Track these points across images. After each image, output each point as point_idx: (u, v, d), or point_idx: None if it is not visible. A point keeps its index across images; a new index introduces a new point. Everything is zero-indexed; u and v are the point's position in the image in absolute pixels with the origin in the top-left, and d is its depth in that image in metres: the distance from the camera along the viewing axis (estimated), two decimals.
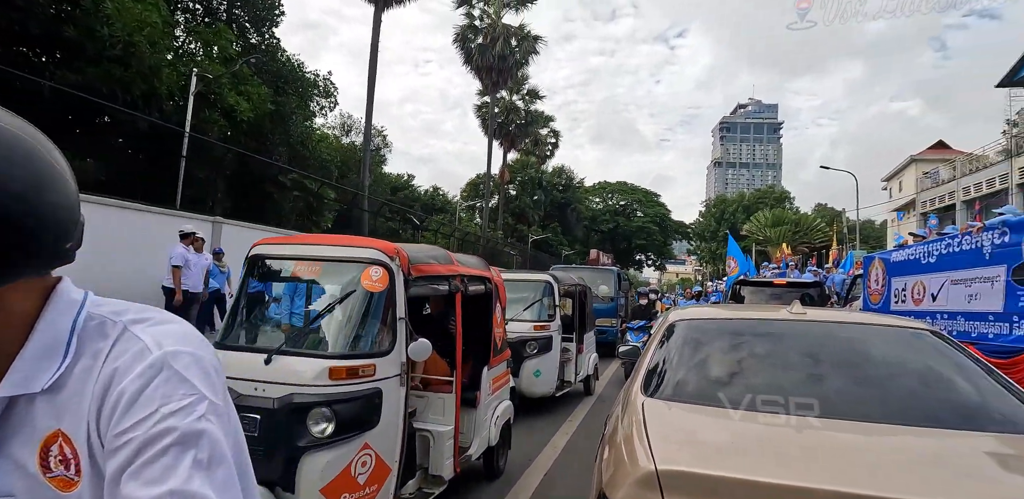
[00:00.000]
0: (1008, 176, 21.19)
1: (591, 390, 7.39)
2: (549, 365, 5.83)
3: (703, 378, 2.17)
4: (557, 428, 5.40)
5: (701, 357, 2.29)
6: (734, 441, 1.71)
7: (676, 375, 2.19)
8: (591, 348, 7.54)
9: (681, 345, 2.38)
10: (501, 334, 3.78)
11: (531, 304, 6.15)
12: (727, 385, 2.12)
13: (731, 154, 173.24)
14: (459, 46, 31.94)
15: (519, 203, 47.42)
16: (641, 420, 1.76)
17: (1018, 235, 5.39)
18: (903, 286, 7.70)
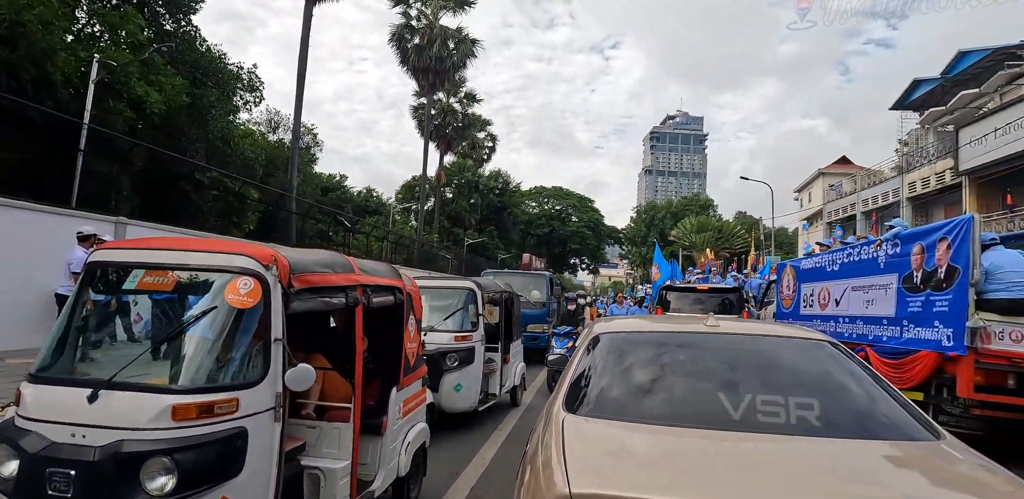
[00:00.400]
0: (900, 190, 23.45)
1: (518, 401, 7.14)
2: (471, 378, 5.49)
3: (624, 393, 2.17)
4: (483, 442, 5.24)
5: (622, 372, 2.29)
6: (652, 459, 1.71)
7: (597, 391, 2.19)
8: (518, 357, 7.27)
9: (603, 359, 2.38)
10: (415, 349, 3.43)
11: (452, 313, 5.79)
12: (647, 400, 2.13)
13: (660, 163, 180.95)
14: (395, 46, 31.35)
15: (455, 206, 47.08)
16: (560, 439, 1.73)
17: (908, 246, 5.89)
18: (811, 292, 8.25)
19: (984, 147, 17.40)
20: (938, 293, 5.25)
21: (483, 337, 5.72)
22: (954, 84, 24.14)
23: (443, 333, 5.49)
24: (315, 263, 2.51)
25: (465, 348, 5.43)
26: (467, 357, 5.41)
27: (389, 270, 3.30)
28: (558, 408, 2.05)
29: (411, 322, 3.38)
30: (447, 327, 5.66)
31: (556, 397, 2.18)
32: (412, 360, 3.35)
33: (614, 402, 2.11)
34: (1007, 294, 4.84)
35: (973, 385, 4.79)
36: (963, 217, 5.10)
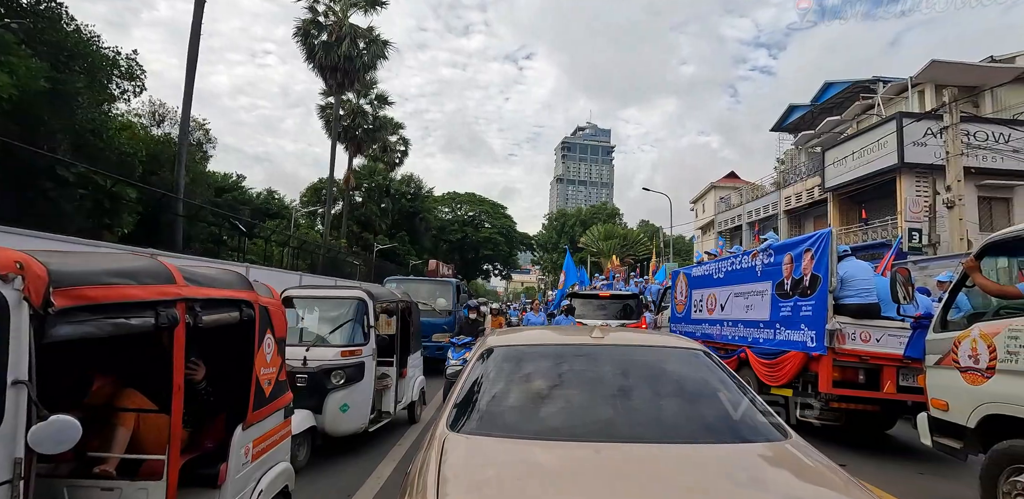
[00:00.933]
0: (778, 204, 26.02)
1: (416, 417, 6.75)
2: (361, 396, 5.03)
3: (507, 409, 2.18)
4: (378, 461, 4.98)
5: (508, 386, 2.30)
6: (528, 475, 1.71)
7: (482, 407, 2.18)
8: (417, 371, 6.88)
9: (491, 374, 2.37)
10: (274, 375, 2.90)
11: (339, 326, 5.33)
12: (529, 415, 2.15)
13: (571, 172, 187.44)
14: (301, 41, 29.84)
15: (365, 211, 45.54)
16: (438, 459, 1.71)
17: (780, 256, 6.47)
18: (701, 298, 8.84)
19: (844, 167, 19.75)
20: (804, 299, 5.81)
21: (375, 351, 5.29)
22: (821, 111, 27.28)
23: (328, 348, 5.04)
24: (104, 272, 1.91)
25: (353, 364, 4.97)
26: (355, 373, 4.96)
27: (236, 280, 2.70)
28: (441, 427, 2.02)
29: (268, 342, 2.84)
30: (334, 341, 5.23)
31: (440, 415, 2.14)
32: (269, 389, 2.83)
33: (496, 419, 2.11)
34: (858, 299, 5.46)
35: (831, 381, 5.33)
36: (823, 231, 5.70)
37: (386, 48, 31.41)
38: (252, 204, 35.79)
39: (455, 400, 2.19)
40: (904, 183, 17.43)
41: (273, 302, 3.00)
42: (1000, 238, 3.66)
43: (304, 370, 4.68)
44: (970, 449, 3.67)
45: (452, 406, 2.15)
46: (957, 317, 3.92)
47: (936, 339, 3.96)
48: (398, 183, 48.72)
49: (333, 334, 5.28)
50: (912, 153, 16.93)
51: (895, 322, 5.37)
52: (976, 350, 3.53)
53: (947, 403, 3.77)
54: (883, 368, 5.33)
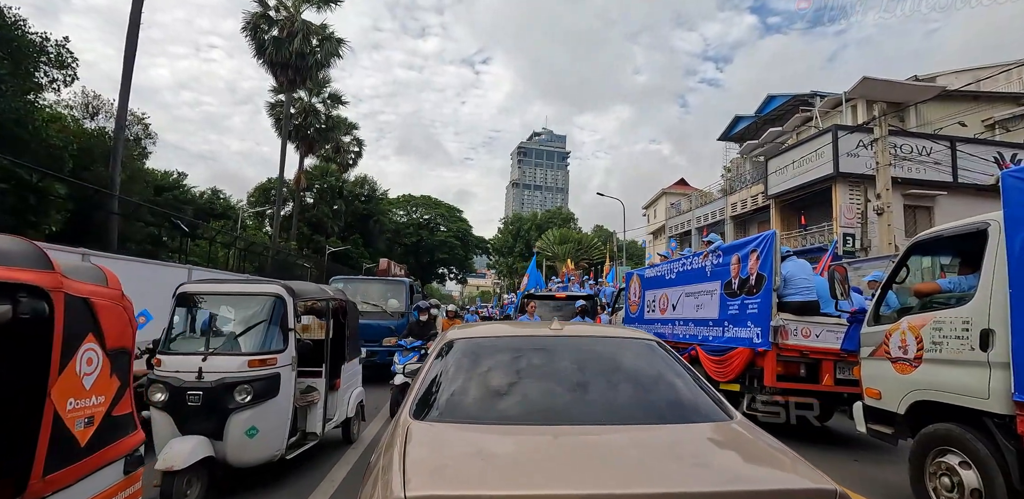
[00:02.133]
0: (725, 210, 27.13)
1: (353, 436, 5.64)
2: (274, 416, 4.05)
3: (471, 397, 2.22)
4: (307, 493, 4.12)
5: (471, 376, 2.33)
6: (492, 457, 1.75)
7: (446, 395, 2.22)
8: (354, 382, 5.86)
9: (454, 365, 2.40)
10: (100, 411, 2.00)
11: (248, 329, 4.32)
12: (492, 402, 2.20)
13: (527, 176, 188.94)
14: (250, 36, 28.79)
15: (317, 212, 44.32)
16: (403, 445, 1.72)
17: (728, 257, 6.74)
18: (653, 298, 9.08)
19: (785, 176, 20.82)
20: (751, 297, 6.07)
21: (295, 359, 4.28)
22: (764, 122, 28.69)
23: (232, 357, 4.00)
24: None
25: (265, 376, 3.98)
26: (267, 387, 3.99)
27: (13, 249, 1.75)
28: (405, 416, 2.04)
29: (87, 357, 1.90)
30: (241, 348, 4.20)
31: (404, 405, 2.16)
32: (88, 433, 1.91)
33: (460, 406, 2.15)
34: (800, 297, 5.76)
35: (775, 375, 5.60)
36: (768, 232, 5.99)
37: (340, 46, 30.76)
38: (195, 204, 34.18)
39: (417, 392, 2.20)
40: (839, 191, 18.53)
41: (102, 293, 2.07)
42: (924, 238, 3.96)
43: (198, 385, 3.79)
44: (900, 434, 3.94)
45: (414, 397, 2.16)
46: (888, 312, 4.20)
47: (870, 332, 4.23)
48: (351, 184, 47.74)
49: (240, 339, 4.30)
50: (846, 163, 18.03)
51: (832, 318, 5.70)
52: (905, 342, 3.80)
53: (880, 392, 4.04)
54: (822, 362, 5.65)
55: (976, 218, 3.49)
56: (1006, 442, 3.07)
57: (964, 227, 3.55)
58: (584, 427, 1.96)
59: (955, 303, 3.57)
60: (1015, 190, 3.06)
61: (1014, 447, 3.03)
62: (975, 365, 3.25)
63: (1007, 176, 3.11)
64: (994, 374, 3.14)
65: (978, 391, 3.22)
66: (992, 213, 3.39)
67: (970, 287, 3.46)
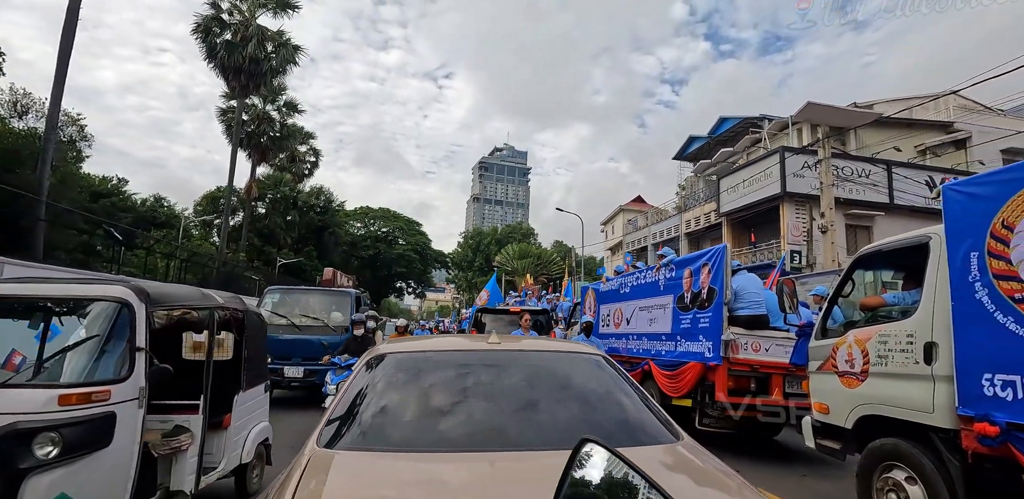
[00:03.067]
0: (679, 227, 27.78)
1: (250, 488, 4.31)
2: (103, 476, 2.78)
3: (391, 420, 1.98)
4: None
5: (393, 396, 2.10)
6: (394, 489, 1.55)
7: (361, 419, 1.97)
8: (255, 415, 4.46)
9: (376, 383, 2.16)
10: None
11: (68, 349, 3.00)
12: (415, 426, 1.97)
13: (488, 191, 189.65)
14: (201, 38, 27.82)
15: (269, 223, 42.74)
16: (297, 479, 1.49)
17: (680, 270, 6.73)
18: (608, 312, 9.01)
19: (736, 194, 21.50)
20: (702, 311, 6.04)
21: (144, 390, 2.99)
22: (717, 142, 29.74)
23: (31, 391, 2.73)
24: None
25: (86, 418, 2.73)
26: (91, 435, 2.75)
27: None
28: (311, 444, 1.79)
29: None
30: (54, 376, 2.89)
31: (313, 432, 1.88)
32: None
33: (378, 431, 1.91)
34: (750, 311, 5.76)
35: (726, 390, 5.54)
36: (719, 246, 6.00)
37: (297, 53, 30.13)
38: (135, 211, 32.38)
39: (331, 414, 1.94)
40: (786, 210, 19.24)
41: None
42: (867, 252, 3.99)
43: None
44: (848, 449, 3.89)
45: (327, 421, 1.89)
46: (835, 326, 4.20)
47: (817, 346, 4.21)
48: (306, 195, 46.39)
49: (53, 363, 2.98)
50: (793, 183, 18.78)
51: (781, 332, 5.72)
52: (851, 355, 3.78)
53: (828, 406, 4.00)
54: (772, 376, 5.64)
55: (918, 231, 3.52)
56: (951, 457, 3.04)
57: (907, 240, 3.58)
58: (519, 453, 1.76)
59: (899, 316, 3.57)
60: (956, 203, 3.08)
61: (959, 462, 3.00)
62: (920, 379, 3.24)
63: (948, 189, 3.15)
64: (938, 388, 3.12)
65: (923, 405, 3.19)
66: (934, 226, 3.42)
67: (914, 301, 3.47)
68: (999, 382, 2.70)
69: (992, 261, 2.81)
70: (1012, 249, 2.72)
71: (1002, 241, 2.77)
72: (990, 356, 2.77)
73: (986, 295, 2.82)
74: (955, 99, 25.65)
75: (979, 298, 2.86)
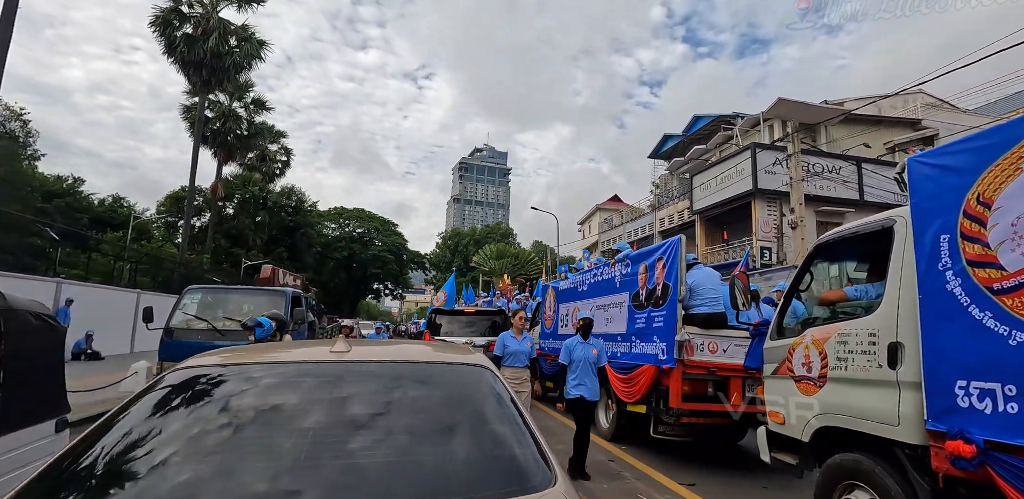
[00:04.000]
0: (653, 224, 27.50)
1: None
2: None
3: (138, 480, 1.33)
4: None
5: (158, 438, 1.47)
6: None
7: (92, 475, 1.34)
8: (23, 461, 2.65)
9: (140, 415, 1.54)
10: None
11: None
12: (169, 485, 1.32)
13: (468, 192, 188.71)
14: (159, 31, 26.73)
15: (237, 224, 41.46)
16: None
17: (636, 266, 6.23)
18: (567, 312, 8.49)
19: (709, 192, 21.25)
20: (657, 310, 5.55)
21: None
22: (691, 140, 29.56)
23: None
24: None
25: None
26: None
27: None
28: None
29: None
30: None
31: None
32: None
33: (115, 487, 1.30)
34: (706, 309, 5.28)
35: (681, 395, 5.05)
36: (673, 239, 5.51)
37: (263, 48, 29.19)
38: (91, 212, 30.96)
39: (51, 468, 1.33)
40: (757, 207, 19.02)
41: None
42: (828, 239, 3.52)
43: None
44: (806, 464, 3.42)
45: (37, 478, 1.29)
46: (793, 324, 3.73)
47: (773, 347, 3.74)
48: (277, 195, 45.12)
49: None
50: (764, 180, 18.57)
51: (741, 332, 5.25)
52: (809, 357, 3.31)
53: (783, 415, 3.52)
54: (730, 379, 5.17)
55: (882, 214, 3.06)
56: (919, 478, 2.57)
57: (869, 225, 3.12)
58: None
59: (862, 313, 3.11)
60: (923, 178, 2.62)
61: (928, 485, 2.53)
62: (883, 385, 2.76)
63: (914, 162, 2.68)
64: (904, 396, 2.65)
65: (887, 416, 2.72)
66: (899, 208, 2.96)
67: (877, 295, 3.00)
68: (975, 391, 2.23)
69: (965, 245, 2.34)
70: (989, 230, 2.26)
71: (977, 220, 2.30)
72: (964, 359, 2.30)
73: (959, 286, 2.35)
74: (923, 97, 25.84)
75: (951, 290, 2.39)
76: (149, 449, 1.39)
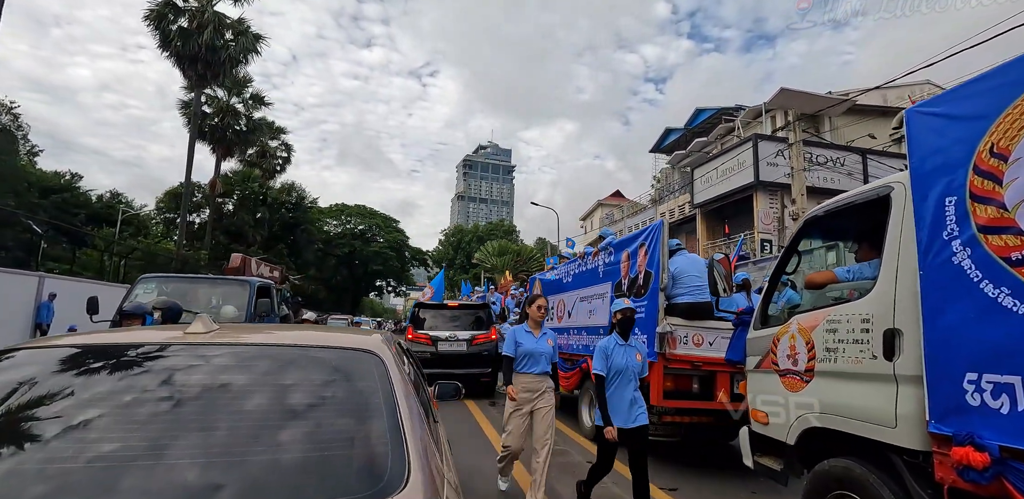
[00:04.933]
0: (654, 219, 27.05)
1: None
2: None
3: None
4: None
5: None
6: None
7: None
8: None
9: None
10: None
11: None
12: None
13: (473, 189, 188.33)
14: (153, 25, 26.51)
15: (236, 220, 41.32)
16: None
17: (619, 254, 5.81)
18: (552, 304, 8.08)
19: (710, 184, 20.76)
20: (638, 300, 5.13)
21: None
22: (693, 134, 29.02)
23: None
24: None
25: None
26: None
27: None
28: None
29: None
30: None
31: None
32: None
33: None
34: (690, 298, 4.86)
35: (662, 392, 4.63)
36: (655, 223, 5.09)
37: (258, 42, 28.89)
38: (89, 208, 30.77)
39: None
40: (759, 199, 18.52)
41: None
42: (817, 213, 3.09)
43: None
44: (791, 470, 3.00)
45: None
46: (778, 311, 3.30)
47: (756, 337, 3.32)
48: (277, 191, 44.90)
49: None
50: (766, 172, 18.07)
51: (728, 323, 4.82)
52: (795, 348, 2.89)
53: (766, 414, 3.10)
54: (716, 375, 4.75)
55: (879, 181, 2.63)
56: (920, 490, 2.15)
57: (863, 194, 2.69)
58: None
59: (854, 296, 2.68)
60: (925, 131, 2.19)
61: (930, 498, 2.11)
62: (878, 379, 2.35)
63: (914, 113, 2.25)
64: (902, 392, 2.23)
65: (882, 416, 2.30)
66: (898, 174, 2.54)
67: (872, 275, 2.58)
68: (988, 386, 1.81)
69: (976, 207, 1.92)
70: (1005, 187, 1.83)
71: (991, 176, 1.87)
72: (975, 347, 1.87)
73: (968, 257, 1.93)
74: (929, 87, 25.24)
75: (958, 263, 1.96)
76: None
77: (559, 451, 5.37)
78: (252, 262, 8.77)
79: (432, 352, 8.92)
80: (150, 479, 1.06)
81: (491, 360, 9.05)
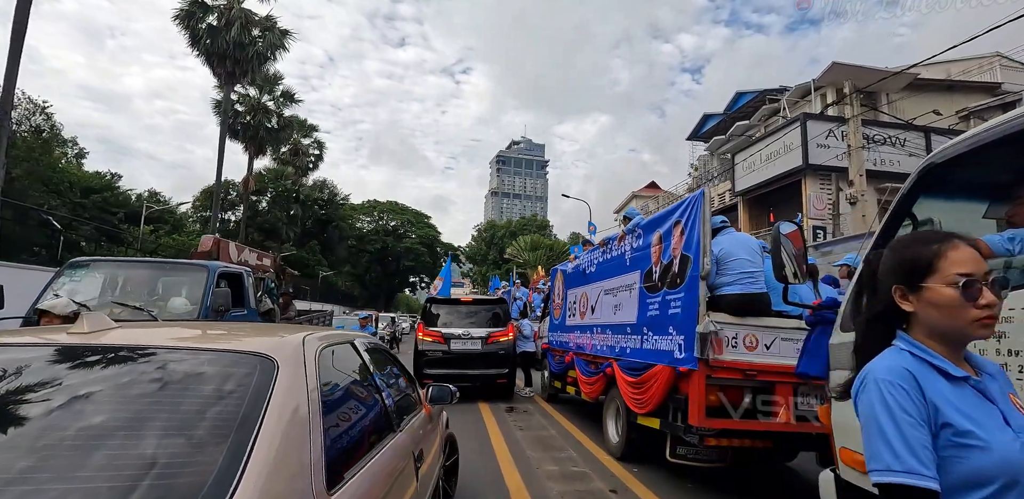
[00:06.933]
0: None
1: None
2: None
3: None
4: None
5: None
6: None
7: None
8: None
9: None
10: None
11: None
12: None
13: (506, 185, 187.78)
14: (183, 24, 26.73)
15: (270, 217, 41.89)
16: None
17: (648, 237, 4.81)
18: (575, 299, 7.12)
19: (753, 170, 19.26)
20: (673, 291, 4.15)
21: None
22: (733, 119, 27.27)
23: None
24: None
25: None
26: None
27: None
28: None
29: None
30: None
31: None
32: None
33: None
34: (740, 288, 3.84)
35: (704, 408, 3.64)
36: (693, 194, 4.08)
37: (285, 38, 28.80)
38: (128, 207, 31.46)
39: None
40: (809, 184, 16.99)
41: None
42: (942, 156, 2.06)
43: None
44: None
45: None
46: None
47: (845, 343, 2.31)
48: (309, 189, 45.31)
49: None
50: (815, 155, 16.52)
51: (793, 320, 3.79)
52: None
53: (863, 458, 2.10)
54: (776, 386, 3.72)
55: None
56: None
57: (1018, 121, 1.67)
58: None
59: (1015, 278, 1.67)
60: None
61: None
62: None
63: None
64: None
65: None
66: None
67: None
68: None
69: None
70: None
71: None
72: None
73: None
74: (1000, 61, 22.87)
75: None
76: None
77: (577, 475, 4.45)
78: (231, 246, 7.71)
79: (444, 351, 8.14)
80: None
81: (508, 360, 8.20)
